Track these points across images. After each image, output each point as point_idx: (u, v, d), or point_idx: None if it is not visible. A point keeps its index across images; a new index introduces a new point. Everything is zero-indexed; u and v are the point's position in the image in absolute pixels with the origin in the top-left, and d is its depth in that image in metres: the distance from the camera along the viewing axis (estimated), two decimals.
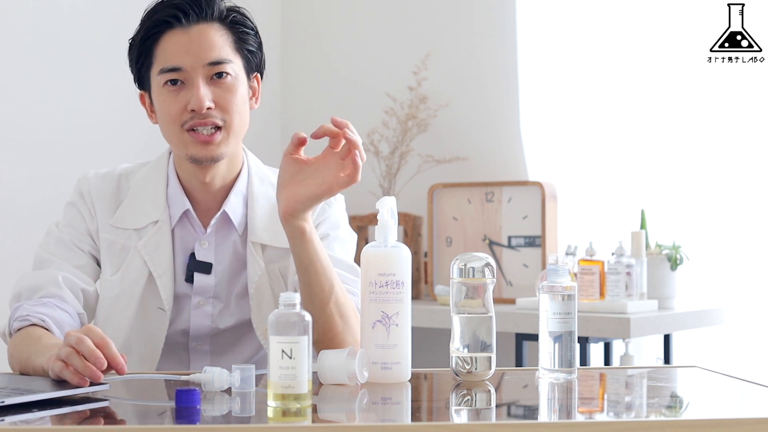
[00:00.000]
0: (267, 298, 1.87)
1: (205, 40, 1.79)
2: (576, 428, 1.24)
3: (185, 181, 1.89)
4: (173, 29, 1.79)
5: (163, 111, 1.81)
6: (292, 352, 1.35)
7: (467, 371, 1.54)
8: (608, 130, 3.27)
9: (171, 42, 1.79)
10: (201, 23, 1.79)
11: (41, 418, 1.29)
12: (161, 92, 1.80)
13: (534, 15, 3.37)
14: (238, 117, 1.81)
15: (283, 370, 1.35)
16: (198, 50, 1.78)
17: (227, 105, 1.79)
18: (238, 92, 1.81)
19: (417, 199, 3.53)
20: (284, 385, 1.34)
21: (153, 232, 1.87)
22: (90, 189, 1.91)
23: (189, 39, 1.78)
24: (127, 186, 1.92)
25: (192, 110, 1.77)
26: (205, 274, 1.88)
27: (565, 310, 1.54)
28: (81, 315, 1.84)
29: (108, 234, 1.89)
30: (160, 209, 1.88)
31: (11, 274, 3.03)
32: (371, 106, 3.62)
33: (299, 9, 3.91)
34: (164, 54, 1.79)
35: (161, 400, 1.47)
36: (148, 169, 1.93)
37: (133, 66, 1.86)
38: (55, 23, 3.19)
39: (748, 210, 3.07)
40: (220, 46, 1.80)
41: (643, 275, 2.94)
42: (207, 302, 1.89)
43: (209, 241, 1.88)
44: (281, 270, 1.88)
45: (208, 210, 1.89)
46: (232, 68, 1.81)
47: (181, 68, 1.78)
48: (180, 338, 1.90)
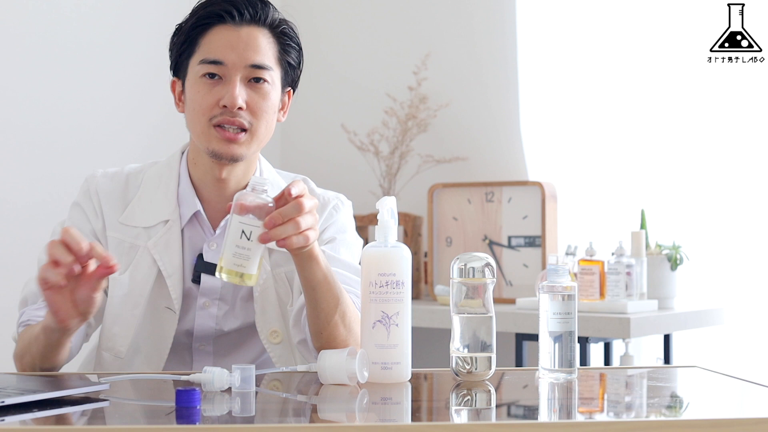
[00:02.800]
0: (272, 301, 1.87)
1: (253, 41, 1.80)
2: (576, 428, 1.24)
3: (198, 180, 1.89)
4: (225, 24, 1.80)
5: (195, 101, 1.81)
6: (252, 234, 1.51)
7: (467, 371, 1.54)
8: (608, 130, 3.27)
9: (219, 35, 1.80)
10: (252, 25, 1.81)
11: (41, 418, 1.29)
12: (197, 82, 1.81)
13: (534, 15, 3.37)
14: (264, 124, 1.82)
15: (239, 249, 1.51)
16: (244, 50, 1.79)
17: (258, 109, 1.80)
18: (271, 100, 1.83)
19: (417, 199, 3.53)
20: (237, 263, 1.51)
21: (163, 232, 1.87)
22: (97, 188, 1.91)
23: (237, 37, 1.80)
24: (136, 185, 1.92)
25: (224, 106, 1.78)
26: (212, 276, 1.87)
27: (565, 310, 1.54)
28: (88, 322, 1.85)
29: (116, 233, 1.88)
30: (171, 209, 1.88)
31: (11, 274, 3.05)
32: (371, 106, 3.62)
33: (299, 9, 3.91)
34: (209, 45, 1.80)
35: (161, 400, 1.47)
36: (159, 168, 1.93)
37: (174, 51, 1.86)
38: (56, 23, 3.19)
39: (748, 210, 3.07)
40: (265, 51, 1.81)
41: (643, 275, 2.94)
42: (213, 304, 1.89)
43: (218, 242, 1.88)
44: (287, 274, 1.87)
45: (219, 212, 1.89)
46: (271, 76, 1.82)
47: (222, 62, 1.79)
48: (184, 338, 1.90)
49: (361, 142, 3.53)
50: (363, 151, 3.53)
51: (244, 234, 1.50)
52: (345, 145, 3.57)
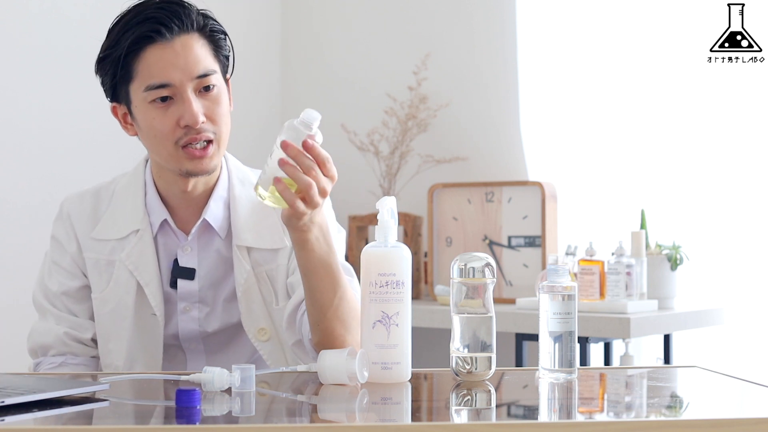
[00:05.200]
0: (256, 300, 1.86)
1: (190, 52, 1.75)
2: (576, 428, 1.24)
3: (164, 190, 1.88)
4: (155, 43, 1.74)
5: (152, 128, 1.77)
6: None
7: (467, 371, 1.54)
8: (608, 130, 3.27)
9: (155, 57, 1.74)
10: (183, 35, 1.76)
11: (41, 418, 1.29)
12: (148, 109, 1.76)
13: (534, 15, 3.37)
14: (225, 128, 1.80)
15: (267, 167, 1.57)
16: (185, 64, 1.75)
17: (216, 116, 1.78)
18: (224, 102, 1.80)
19: (417, 199, 3.53)
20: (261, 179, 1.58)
21: (135, 242, 1.87)
22: (69, 211, 1.92)
23: (174, 53, 1.74)
24: (108, 198, 1.92)
25: (186, 126, 1.75)
26: (188, 280, 1.88)
27: (565, 310, 1.54)
28: (94, 358, 1.90)
29: (91, 252, 1.89)
30: (140, 218, 1.87)
31: (11, 274, 3.05)
32: (371, 106, 3.62)
33: (299, 9, 3.91)
34: (149, 70, 1.75)
35: (161, 400, 1.47)
36: (127, 179, 1.92)
37: (107, 79, 1.81)
38: (56, 24, 3.19)
39: (748, 210, 3.07)
40: (204, 57, 1.77)
41: (643, 275, 2.94)
42: (193, 307, 1.89)
43: (192, 246, 1.88)
44: (268, 273, 1.87)
45: (189, 217, 1.88)
46: (217, 78, 1.79)
47: (170, 84, 1.74)
48: (173, 341, 1.91)
49: (361, 142, 3.53)
50: (363, 151, 3.53)
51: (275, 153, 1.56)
52: (345, 145, 3.57)
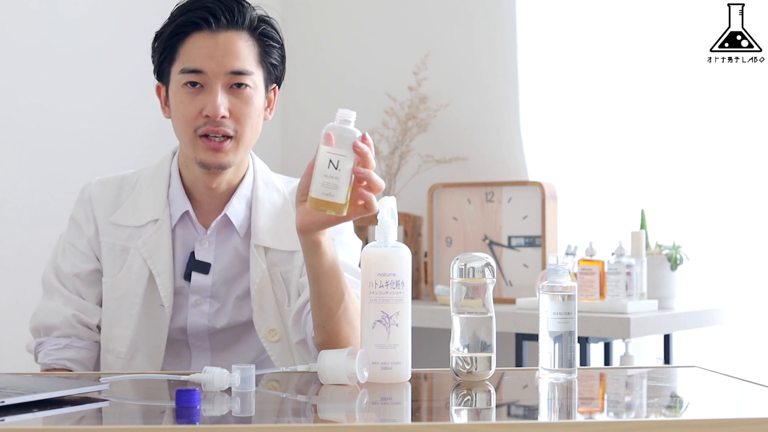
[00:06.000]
0: (269, 299, 1.87)
1: (231, 48, 1.78)
2: (576, 428, 1.24)
3: (189, 182, 1.90)
4: (201, 31, 1.78)
5: (178, 111, 1.81)
6: (339, 164, 1.51)
7: (467, 371, 1.54)
8: (608, 130, 3.27)
9: (197, 44, 1.78)
10: (230, 30, 1.79)
11: (41, 418, 1.29)
12: (179, 91, 1.81)
13: (534, 15, 3.37)
14: (249, 128, 1.82)
15: (327, 179, 1.51)
16: (222, 57, 1.77)
17: (241, 115, 1.80)
18: (254, 104, 1.81)
19: (417, 199, 3.53)
20: (325, 192, 1.51)
21: (153, 231, 1.88)
22: (91, 194, 1.94)
23: (215, 44, 1.78)
24: (130, 187, 1.94)
25: (206, 116, 1.78)
26: (202, 274, 1.88)
27: (565, 310, 1.54)
28: (97, 343, 1.91)
29: (108, 237, 1.91)
30: (160, 208, 1.89)
31: (11, 274, 3.05)
32: (371, 106, 3.62)
33: (299, 9, 3.91)
34: (188, 54, 1.79)
35: (161, 400, 1.47)
36: (152, 170, 1.95)
37: (155, 58, 1.85)
38: (56, 24, 3.19)
39: (748, 210, 3.07)
40: (245, 56, 1.79)
41: (643, 275, 2.94)
42: (204, 301, 1.90)
43: (210, 241, 1.89)
44: (283, 274, 1.88)
45: (210, 211, 1.90)
46: (253, 80, 1.81)
47: (202, 71, 1.78)
48: (179, 335, 1.91)
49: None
50: None
51: (331, 163, 1.51)
52: None
